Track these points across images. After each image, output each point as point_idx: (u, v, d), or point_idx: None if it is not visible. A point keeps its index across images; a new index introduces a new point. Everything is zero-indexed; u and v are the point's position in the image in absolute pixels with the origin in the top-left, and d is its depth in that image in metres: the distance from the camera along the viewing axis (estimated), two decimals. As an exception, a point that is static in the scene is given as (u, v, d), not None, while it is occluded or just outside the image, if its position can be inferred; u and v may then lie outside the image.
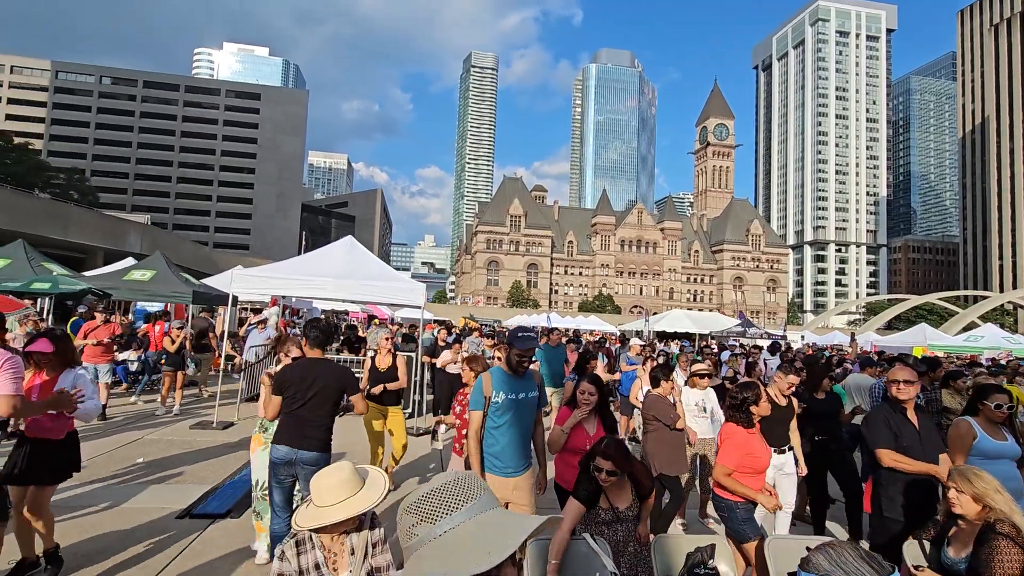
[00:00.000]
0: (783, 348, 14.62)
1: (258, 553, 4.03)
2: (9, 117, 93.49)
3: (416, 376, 9.84)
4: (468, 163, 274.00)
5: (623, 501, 2.95)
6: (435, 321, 22.91)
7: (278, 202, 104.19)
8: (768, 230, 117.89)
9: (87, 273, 14.79)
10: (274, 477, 3.57)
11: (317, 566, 1.98)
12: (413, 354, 9.93)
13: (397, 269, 14.11)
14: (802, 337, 31.27)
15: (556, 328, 12.79)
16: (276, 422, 3.75)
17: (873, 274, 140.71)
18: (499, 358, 5.18)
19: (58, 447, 3.58)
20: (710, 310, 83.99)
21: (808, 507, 5.42)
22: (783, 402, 4.79)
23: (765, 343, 18.79)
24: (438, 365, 9.98)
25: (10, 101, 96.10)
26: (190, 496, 5.31)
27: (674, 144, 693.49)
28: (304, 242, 62.90)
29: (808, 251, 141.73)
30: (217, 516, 4.85)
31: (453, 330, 16.96)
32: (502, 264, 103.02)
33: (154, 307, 16.09)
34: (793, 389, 4.85)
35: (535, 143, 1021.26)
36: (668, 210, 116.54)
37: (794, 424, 4.86)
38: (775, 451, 4.56)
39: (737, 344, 20.16)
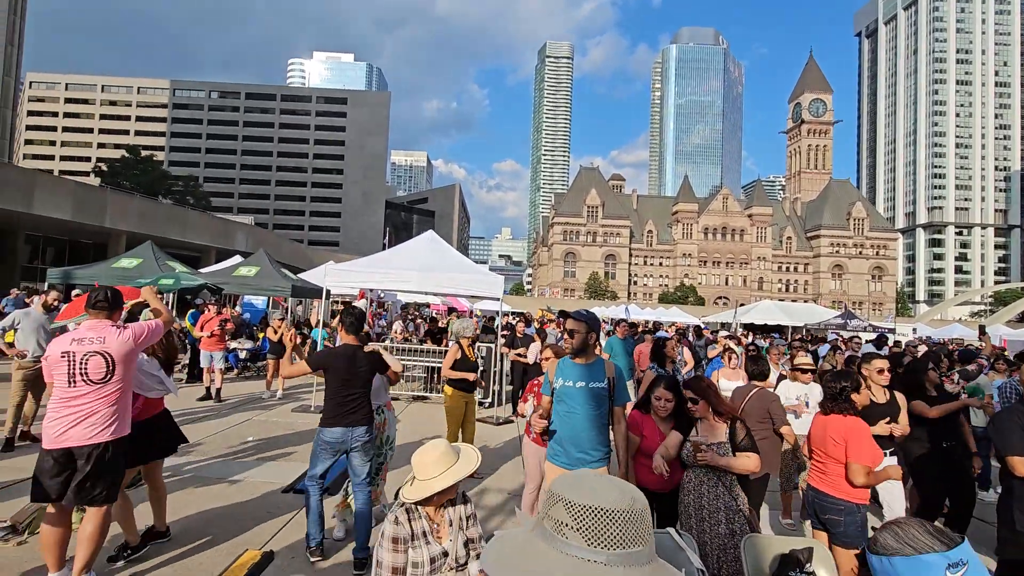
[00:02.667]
0: (890, 342, 13.33)
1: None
2: (138, 133, 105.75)
3: (495, 367, 10.04)
4: (544, 155, 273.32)
5: (714, 436, 3.23)
6: (513, 313, 23.20)
7: (364, 200, 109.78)
8: (873, 213, 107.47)
9: (203, 270, 16.46)
10: (323, 455, 3.93)
11: (424, 533, 2.22)
12: (492, 345, 10.13)
13: (475, 262, 14.42)
14: (914, 330, 28.34)
15: (624, 320, 12.53)
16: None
17: (1003, 259, 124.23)
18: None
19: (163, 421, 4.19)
20: (805, 301, 78.32)
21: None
22: (882, 398, 4.36)
23: (869, 336, 17.25)
24: (529, 359, 10.03)
25: (138, 119, 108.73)
26: (293, 473, 5.78)
27: (763, 124, 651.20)
28: (387, 237, 65.92)
29: (921, 235, 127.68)
30: (317, 492, 5.25)
31: (533, 323, 17.09)
32: (579, 255, 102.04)
33: (259, 300, 17.59)
34: (887, 377, 4.39)
35: (612, 132, 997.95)
36: (757, 194, 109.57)
37: (904, 418, 4.38)
38: None
39: (837, 337, 18.65)
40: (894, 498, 4.24)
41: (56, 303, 6.98)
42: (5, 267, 33.92)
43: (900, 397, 4.45)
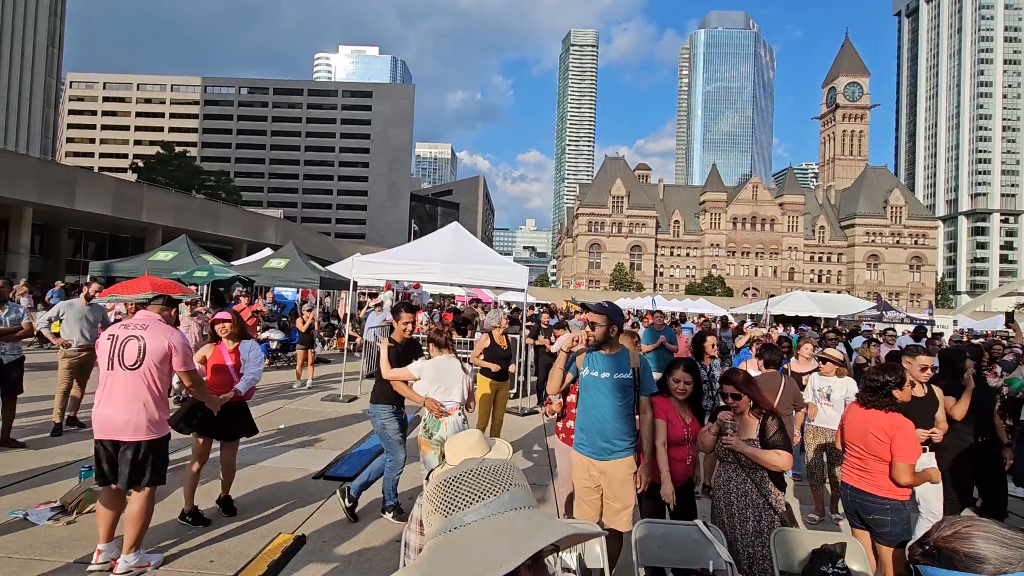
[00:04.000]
0: (929, 334, 12.87)
1: None
2: (171, 130, 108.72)
3: (520, 357, 10.06)
4: (568, 145, 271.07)
5: (746, 431, 3.18)
6: (537, 304, 23.18)
7: (389, 192, 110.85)
8: (912, 200, 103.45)
9: (234, 262, 16.90)
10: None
11: None
12: (517, 336, 10.14)
13: (499, 254, 14.41)
14: (954, 322, 27.27)
15: (659, 311, 12.37)
16: (440, 424, 4.28)
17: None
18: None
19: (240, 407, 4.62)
20: (838, 292, 76.20)
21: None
22: (921, 392, 4.22)
23: (907, 328, 16.70)
24: (553, 349, 10.04)
25: (171, 116, 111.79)
26: (323, 460, 5.93)
27: (795, 110, 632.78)
28: (413, 229, 66.43)
29: (964, 223, 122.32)
30: (346, 479, 5.36)
31: (557, 314, 17.05)
32: (604, 246, 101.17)
33: (288, 292, 17.98)
34: (929, 374, 4.23)
35: (638, 121, 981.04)
36: (788, 183, 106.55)
37: (941, 415, 4.25)
38: None
39: (872, 329, 18.08)
40: (930, 494, 4.11)
41: (97, 294, 7.26)
42: (51, 261, 35.48)
43: (939, 392, 4.31)
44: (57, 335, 6.82)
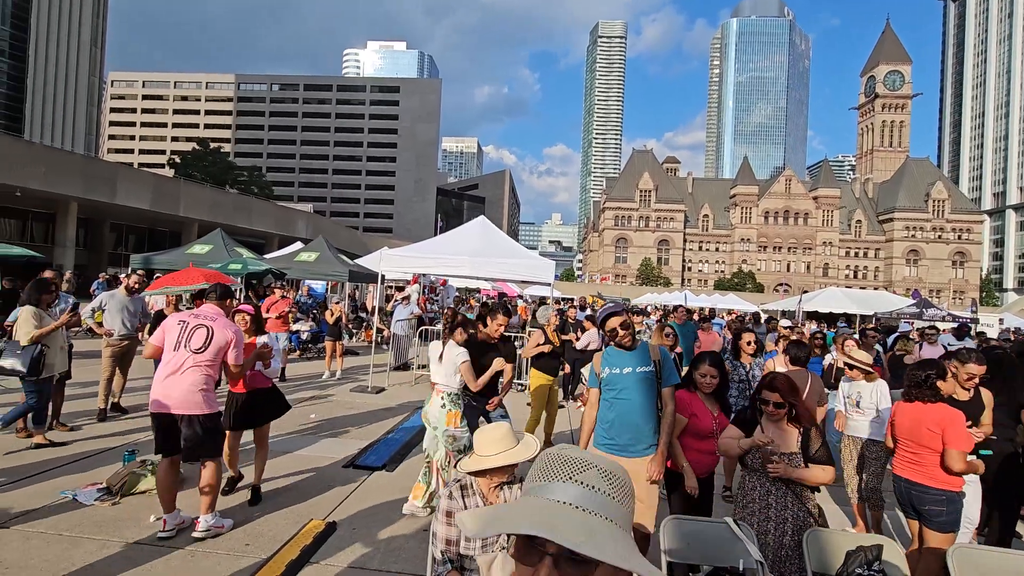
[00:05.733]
0: (972, 332, 12.35)
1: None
2: (207, 126, 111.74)
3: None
4: (595, 138, 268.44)
5: (785, 443, 2.97)
6: (563, 299, 23.09)
7: (416, 187, 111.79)
8: (955, 193, 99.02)
9: (267, 256, 17.31)
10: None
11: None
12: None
13: (525, 248, 14.39)
14: (1000, 320, 26.07)
15: (680, 305, 12.22)
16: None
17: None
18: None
19: (270, 393, 4.77)
20: (875, 288, 73.69)
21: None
22: (964, 396, 4.07)
23: (948, 326, 16.07)
24: (579, 346, 9.98)
25: (207, 112, 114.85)
26: (352, 449, 6.06)
27: (832, 101, 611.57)
28: (439, 223, 66.84)
29: (1012, 217, 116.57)
30: (375, 468, 5.49)
31: (587, 307, 16.99)
32: (631, 241, 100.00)
33: (318, 284, 18.34)
34: (975, 383, 4.05)
35: (667, 113, 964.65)
36: (824, 176, 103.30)
37: (987, 419, 4.06)
38: None
39: (910, 326, 17.46)
40: (968, 503, 3.94)
41: (137, 286, 7.50)
42: (94, 254, 36.97)
43: (986, 395, 4.12)
44: (100, 324, 7.10)
